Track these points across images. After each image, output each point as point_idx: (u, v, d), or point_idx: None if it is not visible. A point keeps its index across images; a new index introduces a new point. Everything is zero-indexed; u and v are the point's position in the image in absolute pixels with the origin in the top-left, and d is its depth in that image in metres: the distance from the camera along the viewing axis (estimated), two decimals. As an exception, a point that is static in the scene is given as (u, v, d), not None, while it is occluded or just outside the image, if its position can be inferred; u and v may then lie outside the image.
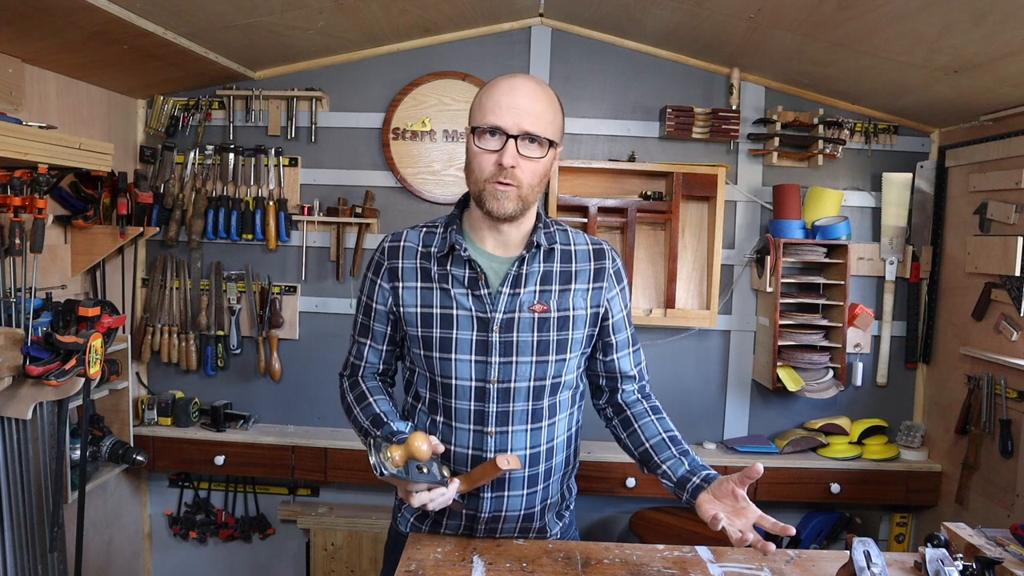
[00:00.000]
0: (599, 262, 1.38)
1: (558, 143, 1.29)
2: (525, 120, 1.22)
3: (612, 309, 1.40)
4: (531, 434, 1.34)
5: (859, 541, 1.21)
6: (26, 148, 1.80)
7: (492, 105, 1.23)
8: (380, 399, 1.39)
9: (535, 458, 1.35)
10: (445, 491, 1.22)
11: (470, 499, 1.35)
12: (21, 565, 2.03)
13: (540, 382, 1.33)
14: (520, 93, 1.23)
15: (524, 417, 1.33)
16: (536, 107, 1.23)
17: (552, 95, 1.29)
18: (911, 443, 2.71)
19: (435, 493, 1.21)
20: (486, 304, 1.30)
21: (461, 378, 1.31)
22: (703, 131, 2.67)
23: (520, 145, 1.22)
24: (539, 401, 1.34)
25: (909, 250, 2.73)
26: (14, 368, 1.93)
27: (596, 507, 2.87)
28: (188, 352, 2.75)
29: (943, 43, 1.92)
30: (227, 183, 2.73)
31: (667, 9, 2.29)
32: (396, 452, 1.19)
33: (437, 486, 1.21)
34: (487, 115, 1.23)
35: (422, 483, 1.20)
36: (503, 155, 1.22)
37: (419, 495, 1.21)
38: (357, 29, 2.47)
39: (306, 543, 2.82)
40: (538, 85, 1.27)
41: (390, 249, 1.37)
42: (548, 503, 1.41)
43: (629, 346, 1.45)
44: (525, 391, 1.32)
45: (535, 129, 1.23)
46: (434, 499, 1.21)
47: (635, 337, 1.47)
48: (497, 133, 1.22)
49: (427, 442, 1.19)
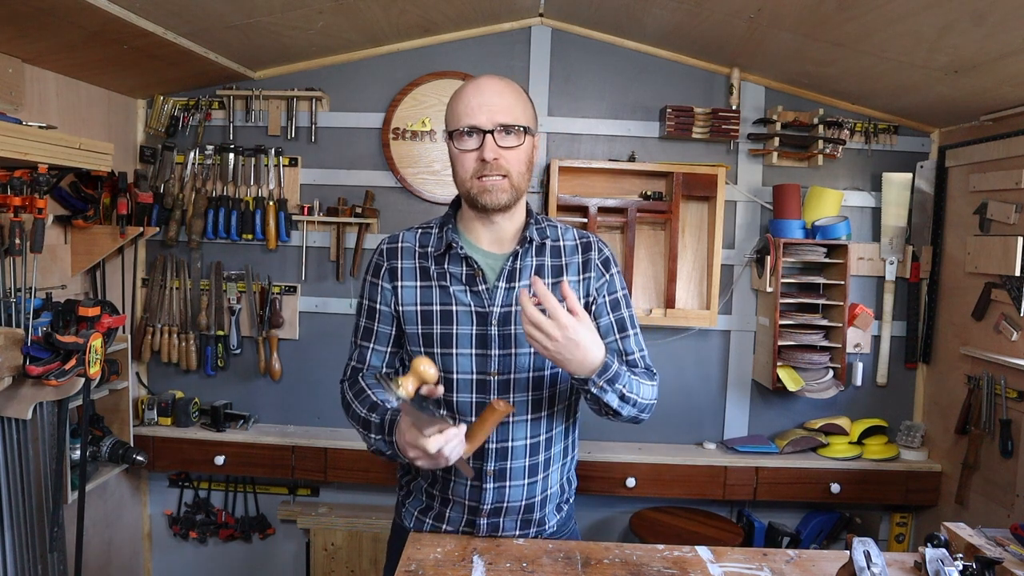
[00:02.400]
0: (586, 254, 1.42)
1: (533, 130, 1.36)
2: (497, 114, 1.29)
3: (598, 297, 1.42)
4: (531, 424, 1.38)
5: (859, 541, 1.21)
6: (26, 148, 1.80)
7: (464, 107, 1.30)
8: (378, 391, 1.39)
9: (535, 448, 1.39)
10: (456, 431, 1.17)
11: (472, 490, 1.37)
12: (21, 565, 2.03)
13: (539, 373, 1.36)
14: (487, 91, 1.31)
15: (524, 408, 1.37)
16: (504, 100, 1.30)
17: (518, 88, 1.36)
18: (911, 443, 2.71)
19: (449, 434, 1.15)
20: (484, 299, 1.34)
21: (462, 372, 1.35)
22: (703, 131, 2.67)
23: (498, 137, 1.29)
24: (539, 392, 1.37)
25: (909, 250, 2.73)
26: (14, 368, 1.93)
27: (596, 507, 2.87)
28: (188, 352, 2.75)
29: (943, 43, 1.92)
30: (227, 183, 2.73)
31: (667, 9, 2.29)
32: (407, 381, 1.16)
33: (447, 426, 1.16)
34: (461, 118, 1.30)
35: (434, 424, 1.15)
36: (483, 150, 1.28)
37: (433, 439, 1.14)
38: (357, 29, 2.47)
39: (306, 543, 2.82)
40: (502, 80, 1.34)
41: (388, 251, 1.41)
42: (548, 494, 1.44)
43: (614, 332, 1.42)
44: (525, 382, 1.36)
45: (508, 119, 1.29)
46: (449, 440, 1.15)
47: (623, 323, 1.43)
48: (474, 132, 1.29)
49: (432, 364, 1.18)
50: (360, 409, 1.36)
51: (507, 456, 1.37)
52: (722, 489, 2.64)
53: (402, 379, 1.17)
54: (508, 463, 1.37)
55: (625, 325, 1.44)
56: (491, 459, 1.36)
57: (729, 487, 2.64)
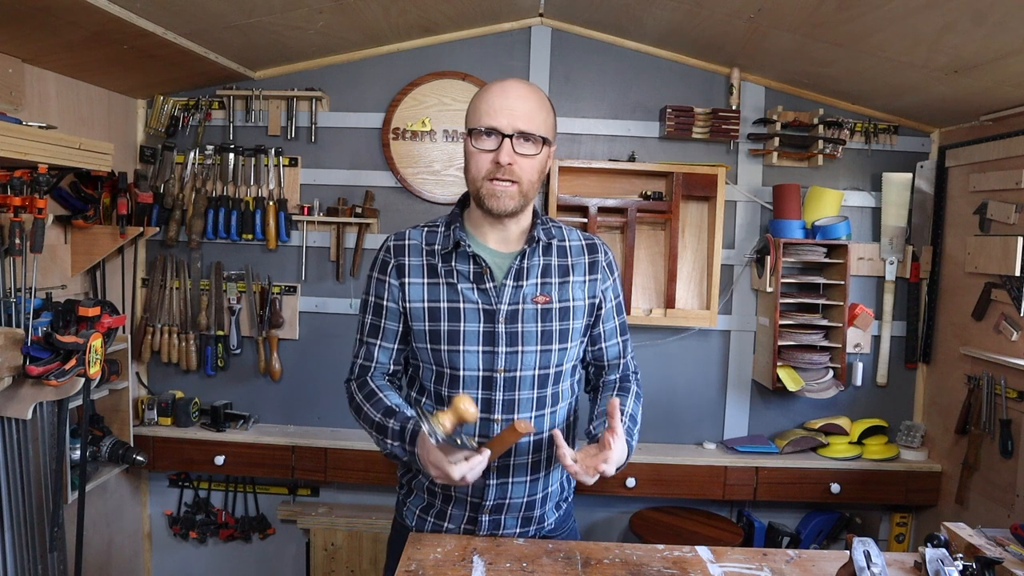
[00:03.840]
0: (592, 256, 1.45)
1: (551, 141, 1.37)
2: (519, 120, 1.29)
3: (605, 299, 1.46)
4: (534, 421, 1.39)
5: (859, 541, 1.21)
6: (26, 148, 1.80)
7: (487, 107, 1.30)
8: (390, 393, 1.40)
9: (538, 445, 1.41)
10: (481, 458, 1.20)
11: (474, 487, 1.38)
12: (21, 565, 2.03)
13: (544, 370, 1.38)
14: (512, 95, 1.31)
15: (529, 405, 1.38)
16: (528, 107, 1.31)
17: (543, 96, 1.36)
18: (911, 443, 2.71)
19: (474, 462, 1.19)
20: (491, 297, 1.35)
21: (469, 368, 1.36)
22: (703, 131, 2.67)
23: (515, 143, 1.29)
24: (543, 389, 1.39)
25: (909, 250, 2.73)
26: (14, 368, 1.93)
27: (596, 507, 2.87)
28: (188, 352, 2.75)
29: (943, 43, 1.92)
30: (227, 183, 2.73)
31: (667, 9, 2.29)
32: (446, 419, 1.18)
33: (473, 455, 1.20)
34: (482, 117, 1.30)
35: (461, 453, 1.19)
36: (500, 153, 1.28)
37: (458, 467, 1.18)
38: (357, 29, 2.47)
39: (306, 543, 2.82)
40: (529, 87, 1.34)
41: (395, 247, 1.41)
42: (549, 492, 1.46)
43: (617, 335, 1.51)
44: (530, 379, 1.37)
45: (528, 128, 1.30)
46: (473, 467, 1.19)
47: (624, 327, 1.53)
48: (493, 134, 1.30)
49: (473, 404, 1.19)
50: (373, 413, 1.36)
51: (510, 453, 1.37)
52: (722, 489, 2.64)
53: (442, 415, 1.18)
54: (511, 459, 1.39)
55: (625, 329, 1.54)
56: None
57: (729, 487, 2.64)
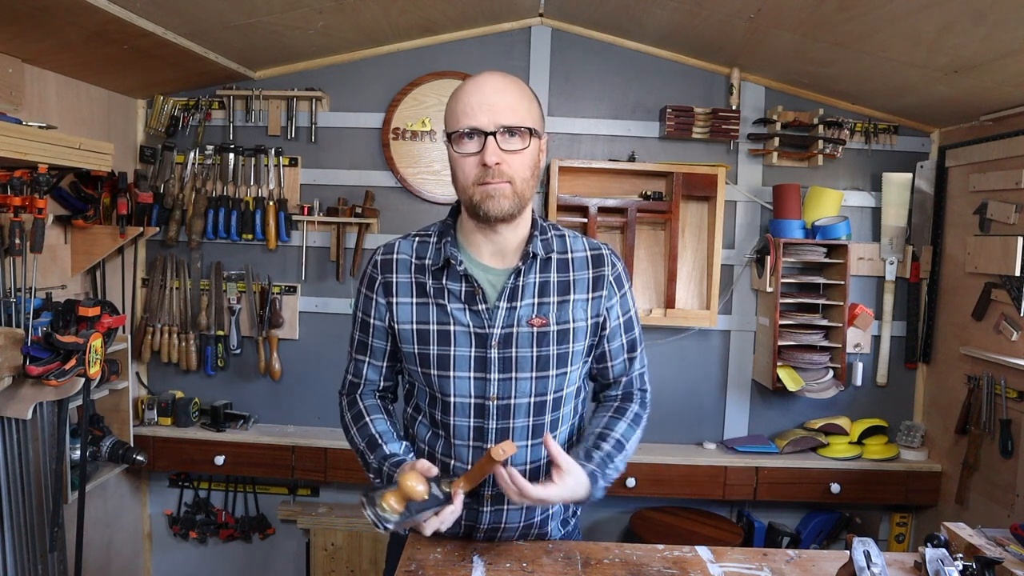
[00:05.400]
0: (598, 269, 1.32)
1: (540, 132, 1.24)
2: (500, 114, 1.17)
3: (610, 317, 1.34)
4: (531, 450, 1.31)
5: (859, 541, 1.21)
6: (26, 148, 1.80)
7: (463, 107, 1.19)
8: (377, 418, 1.35)
9: (535, 472, 1.31)
10: (453, 508, 1.15)
11: (468, 512, 1.30)
12: (21, 565, 2.03)
13: (541, 397, 1.29)
14: (489, 89, 1.19)
15: (525, 433, 1.29)
16: (508, 100, 1.19)
17: (522, 85, 1.24)
18: (911, 443, 2.71)
19: (444, 515, 1.15)
20: (484, 319, 1.25)
21: (460, 395, 1.27)
22: (703, 131, 2.67)
23: (500, 140, 1.18)
24: (540, 417, 1.30)
25: (909, 250, 2.73)
26: (14, 368, 1.93)
27: (596, 507, 2.87)
28: (188, 352, 2.75)
29: (943, 43, 1.92)
30: (227, 183, 2.73)
31: (667, 9, 2.29)
32: (391, 499, 1.12)
33: (443, 507, 1.15)
34: (460, 119, 1.19)
35: (428, 512, 1.15)
36: (485, 154, 1.17)
37: (428, 524, 1.15)
38: (357, 29, 2.47)
39: (306, 543, 2.82)
40: (506, 78, 1.22)
41: (383, 263, 1.32)
42: (550, 513, 1.38)
43: (624, 353, 1.39)
44: (525, 407, 1.28)
45: (512, 121, 1.18)
46: (444, 520, 1.15)
47: (634, 343, 1.40)
48: (475, 134, 1.18)
49: (421, 481, 1.12)
50: (359, 440, 1.33)
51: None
52: (722, 489, 2.64)
53: (390, 495, 1.11)
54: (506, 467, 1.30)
55: (635, 345, 1.40)
56: (488, 483, 1.28)
57: (729, 487, 2.64)
